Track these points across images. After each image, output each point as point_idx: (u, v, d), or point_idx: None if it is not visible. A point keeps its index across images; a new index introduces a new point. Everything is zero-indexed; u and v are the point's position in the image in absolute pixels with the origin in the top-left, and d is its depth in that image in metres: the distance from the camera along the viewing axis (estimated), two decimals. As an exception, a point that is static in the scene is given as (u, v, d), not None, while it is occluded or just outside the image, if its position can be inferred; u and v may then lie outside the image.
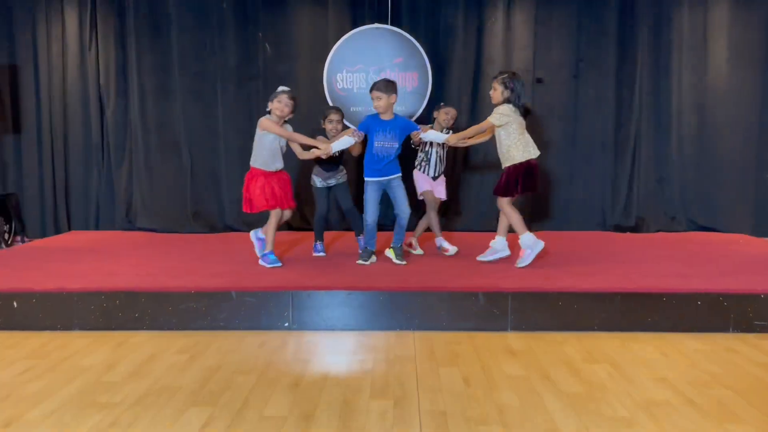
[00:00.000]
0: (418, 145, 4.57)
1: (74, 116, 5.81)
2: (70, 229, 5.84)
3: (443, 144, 4.41)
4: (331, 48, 5.67)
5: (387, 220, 5.86)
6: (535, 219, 5.63)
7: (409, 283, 3.61)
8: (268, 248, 4.15)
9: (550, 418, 2.36)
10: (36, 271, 4.01)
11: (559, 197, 5.83)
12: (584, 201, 5.81)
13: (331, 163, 4.50)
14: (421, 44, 5.64)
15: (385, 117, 4.13)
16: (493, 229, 4.38)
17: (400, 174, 4.21)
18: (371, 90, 4.12)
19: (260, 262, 4.18)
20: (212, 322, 3.47)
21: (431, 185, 4.59)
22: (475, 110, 5.78)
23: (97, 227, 5.88)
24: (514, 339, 3.35)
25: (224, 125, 5.75)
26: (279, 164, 4.13)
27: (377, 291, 3.51)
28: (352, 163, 5.33)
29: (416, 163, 4.63)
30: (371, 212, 4.19)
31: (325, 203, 4.60)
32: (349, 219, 4.66)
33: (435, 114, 4.67)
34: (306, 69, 5.76)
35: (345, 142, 4.17)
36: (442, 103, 4.74)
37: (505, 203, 4.08)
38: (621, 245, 5.09)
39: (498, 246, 4.22)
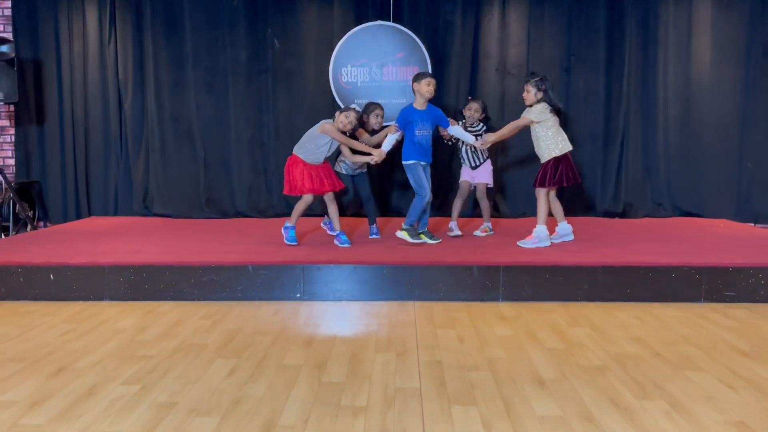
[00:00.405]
0: (450, 140, 4.91)
1: (94, 108, 6.15)
2: (90, 215, 6.19)
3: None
4: (337, 44, 6.00)
5: (404, 204, 6.20)
6: (529, 205, 5.95)
7: (410, 258, 3.95)
8: (292, 223, 4.47)
9: (534, 367, 2.71)
10: (68, 248, 4.36)
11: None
12: (575, 188, 6.13)
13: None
14: (422, 40, 5.97)
15: (422, 107, 4.53)
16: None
17: (431, 161, 4.60)
18: (419, 80, 4.46)
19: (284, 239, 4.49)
20: (231, 293, 3.82)
21: (469, 175, 5.03)
22: (472, 102, 6.11)
23: (116, 213, 6.22)
24: (506, 308, 3.69)
25: (235, 117, 6.09)
26: (321, 161, 4.46)
27: (381, 265, 3.86)
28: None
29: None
30: (428, 189, 4.50)
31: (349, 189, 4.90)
32: (367, 207, 4.94)
33: (464, 111, 5.01)
34: (312, 63, 6.09)
35: (391, 141, 4.53)
36: (469, 97, 5.16)
37: (542, 194, 4.46)
38: (608, 229, 5.42)
39: (562, 231, 4.59)
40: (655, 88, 6.02)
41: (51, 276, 3.85)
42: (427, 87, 4.47)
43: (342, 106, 6.03)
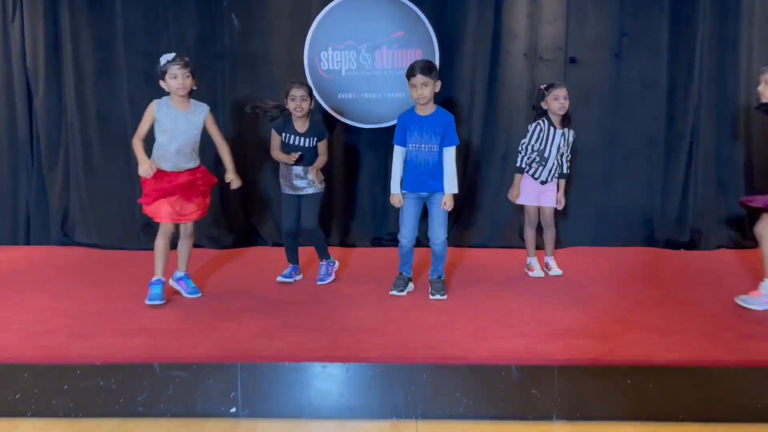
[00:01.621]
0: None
1: (-5, 105, 4.70)
2: (-7, 244, 4.76)
3: (557, 145, 3.68)
4: (314, 20, 4.55)
5: (384, 233, 4.81)
6: (561, 233, 4.53)
7: (410, 353, 2.52)
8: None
9: None
10: None
11: (595, 205, 4.73)
12: (627, 210, 4.71)
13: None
14: (426, 15, 4.53)
15: (423, 112, 3.27)
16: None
17: (443, 191, 3.30)
18: (412, 75, 3.21)
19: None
20: (127, 407, 2.40)
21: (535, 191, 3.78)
22: (492, 97, 4.67)
23: (27, 242, 4.80)
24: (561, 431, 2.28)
25: (182, 116, 4.63)
26: None
27: (367, 364, 2.43)
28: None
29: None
30: (409, 230, 3.33)
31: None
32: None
33: (544, 104, 3.68)
34: (282, 47, 4.65)
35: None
36: (542, 86, 3.71)
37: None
38: (676, 267, 4.02)
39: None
40: (735, 78, 4.58)
41: None
42: (413, 88, 3.23)
43: (321, 102, 4.64)
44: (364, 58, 4.61)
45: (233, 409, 2.42)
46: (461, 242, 4.69)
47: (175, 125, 3.13)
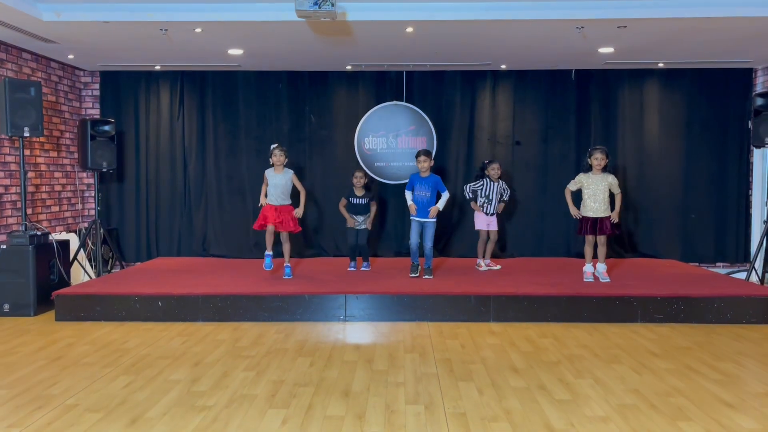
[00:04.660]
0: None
1: (164, 170, 7.62)
2: (158, 255, 7.59)
3: (496, 191, 6.44)
4: (361, 118, 7.51)
5: (403, 249, 7.63)
6: (514, 247, 7.39)
7: (423, 290, 5.35)
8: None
9: (512, 364, 4.08)
10: (165, 283, 5.74)
11: (533, 231, 7.60)
12: (554, 233, 7.58)
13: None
14: (428, 116, 7.48)
15: (423, 175, 5.98)
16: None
17: (430, 220, 5.90)
18: (418, 156, 5.98)
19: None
20: (293, 315, 5.21)
21: (485, 221, 6.51)
22: (469, 166, 7.58)
23: (179, 254, 7.62)
24: (495, 326, 5.07)
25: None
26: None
27: (402, 294, 5.26)
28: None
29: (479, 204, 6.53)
30: (412, 239, 5.99)
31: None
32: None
33: (487, 171, 6.48)
34: (341, 134, 7.60)
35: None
36: (486, 161, 6.61)
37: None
38: (577, 267, 6.83)
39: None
40: (614, 154, 7.52)
41: (159, 303, 5.23)
42: (419, 163, 5.98)
43: (365, 168, 7.55)
44: (390, 142, 7.55)
45: (342, 317, 5.22)
46: (447, 254, 7.53)
47: (275, 181, 5.93)
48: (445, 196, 5.98)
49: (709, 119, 7.46)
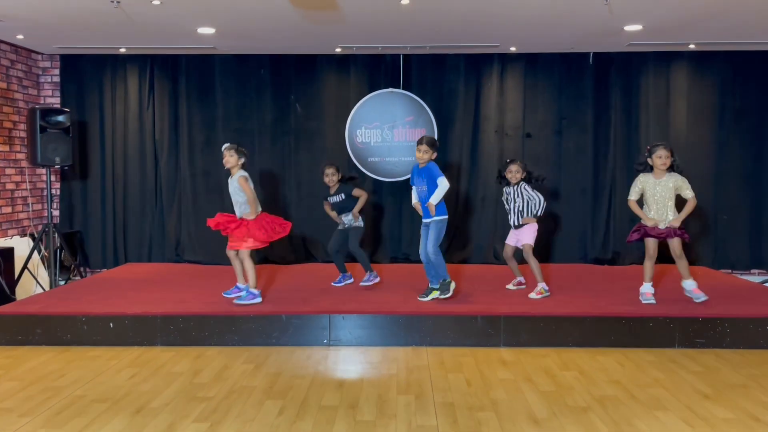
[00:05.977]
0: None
1: (132, 166, 6.81)
2: (127, 261, 6.79)
3: (522, 198, 5.21)
4: (353, 108, 6.69)
5: (400, 255, 6.83)
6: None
7: (421, 309, 4.56)
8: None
9: (530, 410, 3.29)
10: (120, 299, 4.95)
11: (546, 235, 6.79)
12: (568, 238, 6.78)
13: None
14: (428, 105, 6.66)
15: (420, 166, 4.85)
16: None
17: (433, 219, 4.71)
18: (419, 143, 4.74)
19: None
20: (268, 339, 4.42)
21: (512, 236, 5.28)
22: (474, 160, 6.78)
23: (149, 260, 6.83)
24: (506, 353, 4.28)
25: (261, 173, 6.75)
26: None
27: (397, 315, 4.46)
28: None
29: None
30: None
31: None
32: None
33: (505, 174, 5.21)
34: (331, 126, 6.78)
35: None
36: (507, 160, 5.27)
37: None
38: (598, 276, 6.03)
39: None
40: (638, 147, 6.70)
41: (110, 324, 4.44)
42: (416, 152, 4.82)
43: (357, 164, 6.72)
44: (386, 134, 6.74)
45: (325, 341, 4.42)
46: (448, 260, 6.72)
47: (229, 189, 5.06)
48: (440, 185, 4.67)
49: (743, 108, 6.63)
